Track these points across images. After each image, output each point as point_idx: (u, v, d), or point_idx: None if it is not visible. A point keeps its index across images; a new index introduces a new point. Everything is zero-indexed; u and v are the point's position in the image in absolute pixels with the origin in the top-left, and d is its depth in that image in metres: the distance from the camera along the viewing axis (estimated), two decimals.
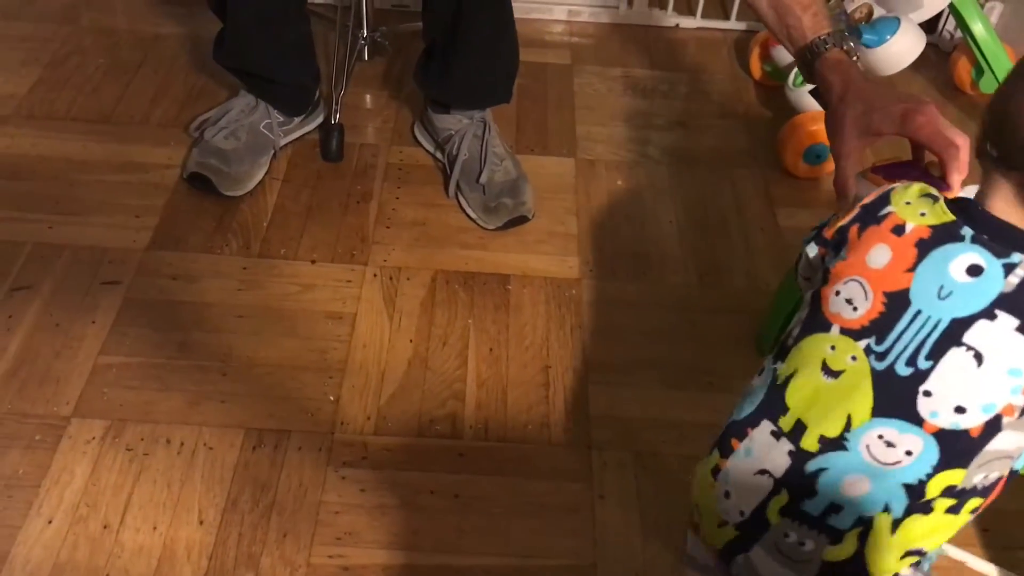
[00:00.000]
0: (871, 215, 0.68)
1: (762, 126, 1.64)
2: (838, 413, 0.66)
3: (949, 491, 0.64)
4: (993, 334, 0.62)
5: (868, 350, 0.65)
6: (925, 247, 0.65)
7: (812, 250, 0.73)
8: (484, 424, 1.14)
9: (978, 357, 0.62)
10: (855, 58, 1.00)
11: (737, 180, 1.53)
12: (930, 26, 1.60)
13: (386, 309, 1.27)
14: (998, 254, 0.63)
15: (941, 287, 0.63)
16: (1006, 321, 0.62)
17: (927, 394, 0.63)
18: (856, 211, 0.70)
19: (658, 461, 1.11)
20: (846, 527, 0.66)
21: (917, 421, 0.63)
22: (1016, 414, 0.63)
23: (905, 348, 0.64)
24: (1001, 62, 1.56)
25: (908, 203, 0.68)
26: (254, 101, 1.45)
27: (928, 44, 1.48)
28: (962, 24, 1.55)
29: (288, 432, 1.11)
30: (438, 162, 1.51)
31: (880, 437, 0.64)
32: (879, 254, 0.66)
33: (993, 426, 0.62)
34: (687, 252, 1.39)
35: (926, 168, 0.91)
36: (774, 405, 0.69)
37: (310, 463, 1.09)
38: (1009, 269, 0.62)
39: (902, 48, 1.40)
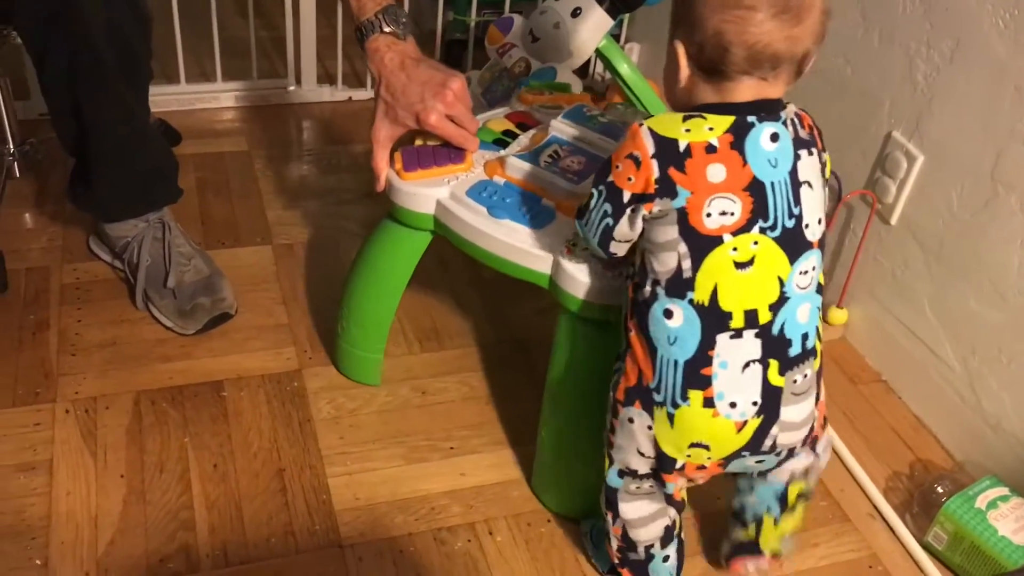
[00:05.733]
0: (672, 154, 0.83)
1: None
2: (769, 283, 0.85)
3: (823, 272, 0.90)
4: (806, 166, 0.86)
5: (762, 230, 0.84)
6: (739, 145, 0.84)
7: (639, 211, 0.85)
8: (222, 549, 1.04)
9: (809, 184, 0.86)
10: (401, 36, 1.07)
11: (437, 240, 1.54)
12: (582, 72, 1.72)
13: (87, 447, 1.14)
14: (774, 120, 0.85)
15: (769, 159, 0.84)
16: (803, 153, 0.86)
17: (807, 225, 0.86)
18: (652, 163, 0.83)
19: (414, 541, 1.08)
20: (813, 341, 0.88)
21: (809, 246, 0.87)
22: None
23: (781, 210, 0.84)
24: (648, 95, 1.70)
25: (688, 130, 0.84)
26: None
27: (584, 88, 1.59)
28: (610, 67, 1.67)
29: None
30: (119, 272, 1.39)
31: (800, 272, 0.86)
32: (715, 171, 0.83)
33: (826, 219, 0.89)
34: (404, 321, 1.38)
35: (436, 146, 1.10)
36: (717, 321, 0.84)
37: None
38: (786, 124, 0.86)
39: None
